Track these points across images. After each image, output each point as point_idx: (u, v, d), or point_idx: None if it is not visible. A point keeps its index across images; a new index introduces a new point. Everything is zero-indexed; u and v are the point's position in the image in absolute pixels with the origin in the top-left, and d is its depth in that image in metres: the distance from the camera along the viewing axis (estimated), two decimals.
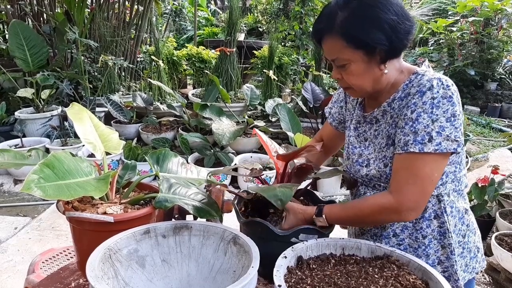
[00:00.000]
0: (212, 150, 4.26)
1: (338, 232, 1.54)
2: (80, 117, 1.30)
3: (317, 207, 1.21)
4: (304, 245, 1.09)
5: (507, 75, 8.74)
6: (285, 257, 1.02)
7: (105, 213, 1.18)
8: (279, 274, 0.94)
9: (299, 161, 1.43)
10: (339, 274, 1.01)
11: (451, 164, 1.21)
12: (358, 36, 1.10)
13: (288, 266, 1.02)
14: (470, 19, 8.08)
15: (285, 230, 1.22)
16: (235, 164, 4.09)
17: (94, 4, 5.87)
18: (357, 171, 1.32)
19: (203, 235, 1.17)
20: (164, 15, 9.76)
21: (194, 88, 6.48)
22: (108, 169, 1.29)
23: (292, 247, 1.07)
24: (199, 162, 4.27)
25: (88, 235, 1.20)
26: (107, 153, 1.33)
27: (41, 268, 1.86)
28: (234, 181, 4.31)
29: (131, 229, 1.11)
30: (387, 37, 1.09)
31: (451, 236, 1.23)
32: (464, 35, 8.55)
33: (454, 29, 8.47)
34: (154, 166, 1.34)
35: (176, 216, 1.53)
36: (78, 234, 1.24)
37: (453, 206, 1.24)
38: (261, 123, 4.73)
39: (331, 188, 4.23)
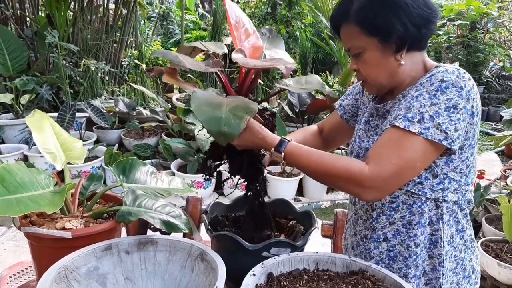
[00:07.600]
0: (195, 156, 4.18)
1: (316, 244, 1.48)
2: (40, 125, 1.22)
3: (279, 142, 1.08)
4: (275, 260, 1.02)
5: (493, 79, 8.79)
6: (254, 274, 0.95)
7: (63, 228, 1.10)
8: None
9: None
10: None
11: (456, 171, 1.11)
12: (371, 21, 1.07)
13: (257, 284, 0.96)
14: (457, 22, 8.10)
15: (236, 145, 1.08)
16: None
17: (76, 7, 5.76)
18: None
19: (169, 250, 1.10)
20: (152, 18, 9.65)
21: (180, 92, 6.39)
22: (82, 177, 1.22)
23: (262, 263, 1.00)
24: (182, 168, 4.18)
25: (46, 252, 1.13)
26: (70, 163, 1.25)
27: (7, 283, 1.76)
28: (219, 187, 4.23)
29: (91, 246, 1.04)
30: (400, 22, 1.04)
31: (443, 246, 1.13)
32: (451, 38, 8.57)
33: (441, 32, 8.50)
34: (119, 177, 1.26)
35: (151, 227, 1.45)
36: (37, 251, 1.16)
37: (452, 215, 1.15)
38: None
39: (317, 193, 4.17)
